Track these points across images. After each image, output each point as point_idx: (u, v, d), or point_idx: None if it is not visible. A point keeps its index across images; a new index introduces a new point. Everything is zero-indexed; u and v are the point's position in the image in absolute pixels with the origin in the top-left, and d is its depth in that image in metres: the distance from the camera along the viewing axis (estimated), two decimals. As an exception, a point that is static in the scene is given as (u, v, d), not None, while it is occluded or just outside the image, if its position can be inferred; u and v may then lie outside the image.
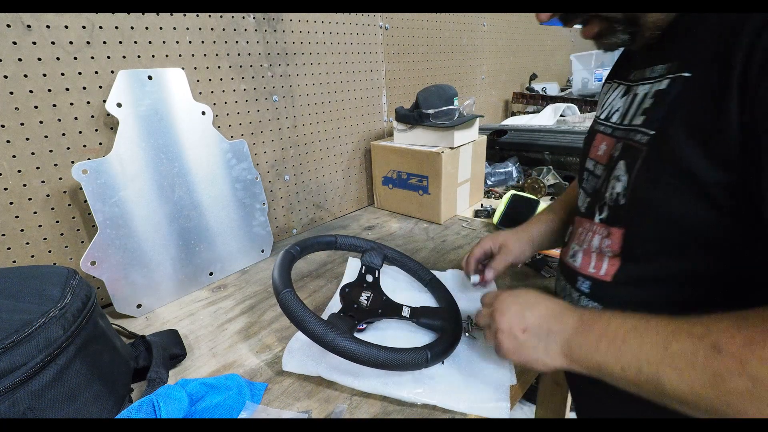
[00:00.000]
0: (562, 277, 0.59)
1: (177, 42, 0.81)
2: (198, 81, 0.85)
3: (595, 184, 0.53)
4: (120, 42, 0.74)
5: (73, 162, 0.71)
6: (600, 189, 0.51)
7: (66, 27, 0.68)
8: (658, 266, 0.45)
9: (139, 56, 0.76)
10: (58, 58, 0.68)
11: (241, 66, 0.91)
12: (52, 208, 0.72)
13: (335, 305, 0.71)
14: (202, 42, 0.84)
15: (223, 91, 0.90)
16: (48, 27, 0.66)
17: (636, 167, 0.44)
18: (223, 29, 0.87)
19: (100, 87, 0.73)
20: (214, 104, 0.89)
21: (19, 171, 0.68)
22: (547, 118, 1.74)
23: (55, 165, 0.71)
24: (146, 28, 0.76)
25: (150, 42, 0.77)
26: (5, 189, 0.67)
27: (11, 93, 0.65)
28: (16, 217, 0.69)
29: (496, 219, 1.05)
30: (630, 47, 0.51)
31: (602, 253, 0.50)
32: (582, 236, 0.54)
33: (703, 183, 0.38)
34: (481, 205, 1.24)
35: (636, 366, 0.38)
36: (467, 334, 0.65)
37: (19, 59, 0.64)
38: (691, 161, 0.38)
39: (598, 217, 0.51)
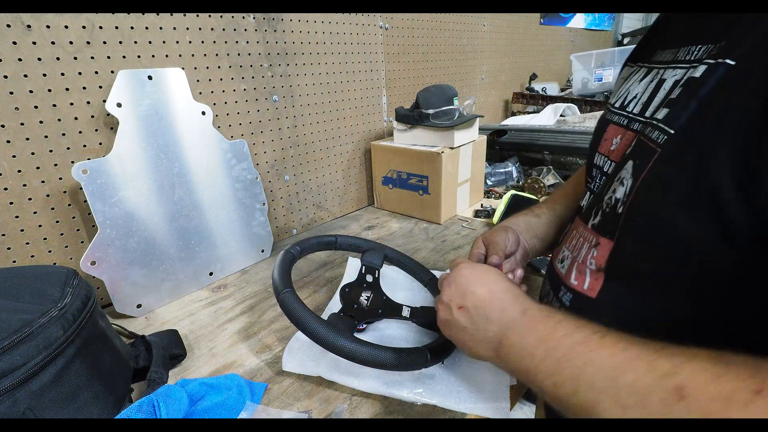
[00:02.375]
0: (547, 281, 0.53)
1: (177, 42, 0.81)
2: (198, 81, 0.85)
3: (602, 183, 0.47)
4: (120, 42, 0.74)
5: (73, 162, 0.71)
6: (603, 190, 0.44)
7: (66, 27, 0.68)
8: (645, 291, 0.38)
9: (139, 56, 0.76)
10: (58, 58, 0.68)
11: (241, 66, 0.91)
12: (52, 208, 0.72)
13: (335, 305, 0.71)
14: (202, 42, 0.84)
15: (223, 91, 0.90)
16: (48, 27, 0.66)
17: (644, 171, 0.36)
18: (223, 29, 0.87)
19: (100, 87, 0.73)
20: (214, 104, 0.89)
21: (19, 171, 0.68)
22: (547, 118, 1.74)
23: (55, 165, 0.71)
24: (146, 28, 0.76)
25: (150, 42, 0.77)
26: (5, 189, 0.67)
27: (11, 93, 0.65)
28: (16, 217, 0.68)
29: (496, 219, 1.05)
30: None
31: (584, 264, 0.43)
32: (574, 240, 0.48)
33: (724, 206, 0.29)
34: (481, 205, 1.24)
35: (572, 386, 0.32)
36: (467, 334, 0.65)
37: (19, 59, 0.64)
38: (715, 176, 0.30)
39: (591, 221, 0.45)
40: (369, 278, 0.70)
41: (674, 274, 0.35)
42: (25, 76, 0.65)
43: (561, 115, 1.76)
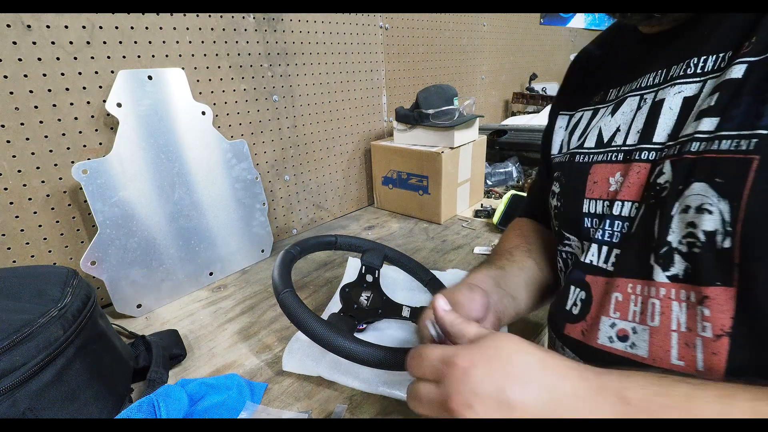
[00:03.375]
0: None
1: (177, 42, 0.81)
2: (198, 81, 0.85)
3: (624, 228, 0.38)
4: (120, 42, 0.74)
5: (73, 162, 0.71)
6: (645, 232, 0.36)
7: (66, 27, 0.68)
8: None
9: (139, 56, 0.76)
10: (58, 58, 0.68)
11: (241, 66, 0.91)
12: (52, 208, 0.72)
13: (335, 305, 0.71)
14: (202, 42, 0.84)
15: (223, 91, 0.90)
16: (48, 27, 0.66)
17: (747, 187, 0.29)
18: (223, 29, 0.87)
19: (100, 87, 0.73)
20: (214, 104, 0.89)
21: (19, 171, 0.68)
22: (547, 118, 1.74)
23: (55, 165, 0.71)
24: (146, 28, 0.76)
25: (150, 42, 0.77)
26: (5, 189, 0.67)
27: (11, 93, 0.65)
28: (16, 217, 0.68)
29: (496, 219, 1.05)
30: (650, 22, 0.40)
31: (693, 333, 0.32)
32: (632, 305, 0.36)
33: None
34: (481, 205, 1.24)
35: None
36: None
37: (19, 59, 0.64)
38: None
39: (663, 274, 0.34)
40: (369, 278, 0.70)
41: None
42: (25, 76, 0.65)
43: (561, 115, 1.76)
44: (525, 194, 1.11)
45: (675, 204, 0.33)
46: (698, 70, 0.35)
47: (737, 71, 0.31)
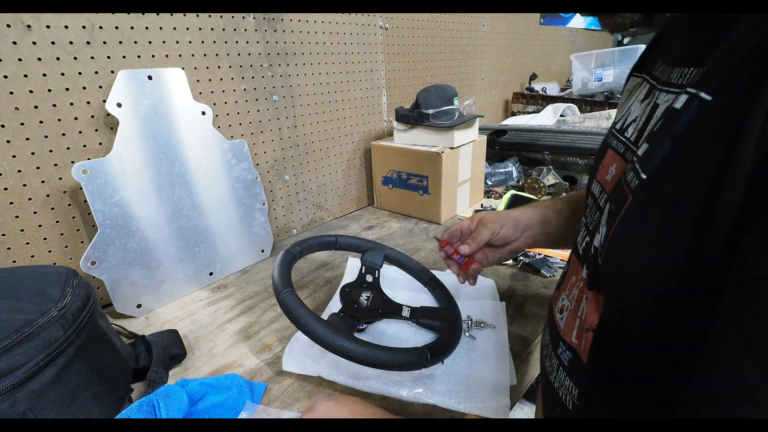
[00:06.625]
0: (547, 331, 0.47)
1: (177, 42, 0.81)
2: (198, 81, 0.85)
3: (597, 219, 0.39)
4: (120, 42, 0.74)
5: (73, 162, 0.71)
6: (594, 229, 0.39)
7: (66, 27, 0.68)
8: (631, 352, 0.32)
9: (139, 56, 0.76)
10: (58, 58, 0.68)
11: (241, 66, 0.91)
12: (52, 208, 0.72)
13: (335, 305, 0.71)
14: (202, 42, 0.84)
15: (223, 91, 0.90)
16: (48, 27, 0.66)
17: (616, 221, 0.32)
18: (223, 29, 0.87)
19: (100, 87, 0.73)
20: (214, 104, 0.89)
21: (19, 171, 0.68)
22: (547, 118, 1.74)
23: (55, 165, 0.71)
24: (146, 28, 0.76)
25: (150, 42, 0.77)
26: (5, 189, 0.67)
27: (11, 93, 0.65)
28: (16, 217, 0.68)
29: (496, 219, 1.05)
30: (646, 26, 0.38)
31: (584, 322, 0.37)
32: (575, 289, 0.41)
33: (697, 252, 0.25)
34: (481, 205, 1.24)
35: None
36: (467, 334, 0.65)
37: (19, 59, 0.64)
38: (686, 233, 0.26)
39: (584, 270, 0.39)
40: (369, 278, 0.70)
41: (659, 333, 0.29)
42: (25, 76, 0.65)
43: (561, 115, 1.76)
44: (525, 194, 1.11)
45: (602, 216, 0.36)
46: (682, 81, 0.32)
47: (680, 100, 0.29)
